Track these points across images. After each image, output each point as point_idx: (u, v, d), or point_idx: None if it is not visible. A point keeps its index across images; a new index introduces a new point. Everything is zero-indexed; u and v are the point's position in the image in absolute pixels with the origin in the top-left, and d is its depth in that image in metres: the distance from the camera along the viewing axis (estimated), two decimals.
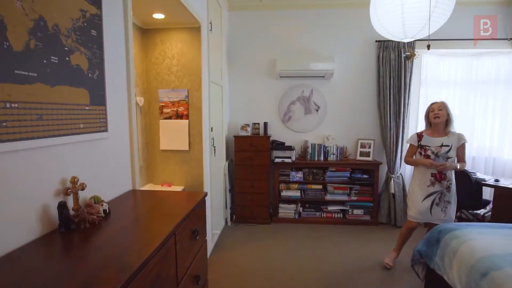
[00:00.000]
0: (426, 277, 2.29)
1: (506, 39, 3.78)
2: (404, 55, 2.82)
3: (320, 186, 3.89)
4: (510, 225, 2.29)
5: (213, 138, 3.10)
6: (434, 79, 4.04)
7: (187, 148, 2.79)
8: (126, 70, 1.60)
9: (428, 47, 1.98)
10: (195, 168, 2.78)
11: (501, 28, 3.78)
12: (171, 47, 2.74)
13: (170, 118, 2.81)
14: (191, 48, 2.70)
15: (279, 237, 3.50)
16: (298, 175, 3.88)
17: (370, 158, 3.88)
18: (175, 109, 2.79)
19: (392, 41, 3.74)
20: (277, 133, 4.13)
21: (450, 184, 2.50)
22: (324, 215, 3.95)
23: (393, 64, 3.76)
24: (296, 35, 3.98)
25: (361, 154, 3.98)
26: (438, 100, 2.57)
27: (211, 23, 2.97)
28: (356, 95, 4.02)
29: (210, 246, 3.01)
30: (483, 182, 3.28)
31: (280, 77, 3.96)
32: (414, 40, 3.75)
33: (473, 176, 3.24)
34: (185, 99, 2.77)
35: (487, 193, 3.66)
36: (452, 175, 2.52)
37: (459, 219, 3.56)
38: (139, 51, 2.72)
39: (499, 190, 3.16)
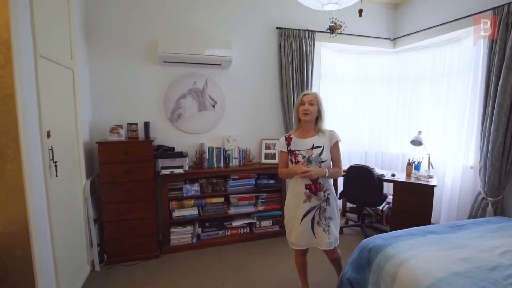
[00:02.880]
0: None
1: (389, 39, 3.96)
2: (328, 26, 2.36)
3: (221, 199, 3.17)
4: (426, 228, 2.12)
5: (51, 149, 1.94)
6: (331, 74, 3.92)
7: None
8: None
9: (360, 12, 1.49)
10: (7, 202, 1.59)
11: (385, 29, 3.94)
12: None
13: None
14: None
15: (171, 274, 2.60)
16: (193, 188, 3.05)
17: (276, 161, 3.41)
18: None
19: (293, 29, 3.37)
20: (164, 136, 3.18)
21: (329, 194, 1.98)
22: (229, 233, 3.26)
23: (295, 55, 3.39)
24: (185, 11, 3.12)
25: (266, 156, 3.47)
26: (311, 91, 2.06)
27: None
28: (257, 88, 3.48)
29: None
30: (383, 178, 3.25)
31: (164, 62, 3.02)
32: (314, 31, 3.51)
33: (375, 173, 3.15)
34: None
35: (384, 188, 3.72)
36: (329, 183, 2.00)
37: (363, 216, 3.48)
38: None
39: (397, 185, 3.17)
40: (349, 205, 4.07)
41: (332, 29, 2.26)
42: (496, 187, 2.67)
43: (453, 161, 3.32)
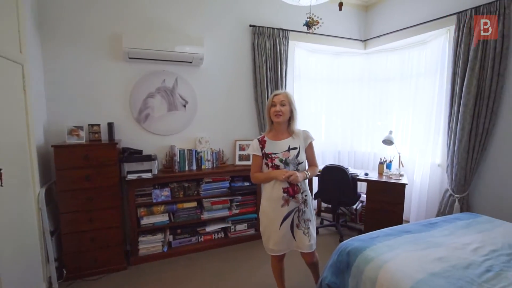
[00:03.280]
0: None
1: (360, 40, 4.02)
2: (305, 22, 2.29)
3: (194, 204, 3.01)
4: (402, 227, 2.14)
5: None
6: (305, 74, 3.90)
7: None
8: None
9: (340, 5, 1.44)
10: None
11: (356, 30, 3.99)
12: None
13: None
14: None
15: (140, 287, 2.41)
16: (163, 193, 2.86)
17: (250, 162, 3.31)
18: None
19: (267, 27, 3.29)
20: (130, 138, 2.95)
21: (306, 196, 1.93)
22: (202, 239, 3.11)
23: (269, 53, 3.31)
24: (152, 4, 2.92)
25: (241, 158, 3.36)
26: (281, 91, 1.94)
27: None
28: (231, 87, 3.36)
29: None
30: (357, 177, 3.27)
31: (130, 58, 2.80)
32: (288, 30, 3.46)
33: (349, 173, 3.17)
34: None
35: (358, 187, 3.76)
36: (306, 184, 1.96)
37: (338, 216, 3.49)
38: None
39: (371, 184, 3.21)
40: (323, 205, 4.08)
41: (309, 25, 2.19)
42: (462, 184, 2.78)
43: (421, 160, 3.44)
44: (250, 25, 3.28)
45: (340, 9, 1.54)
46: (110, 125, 2.72)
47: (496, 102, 2.58)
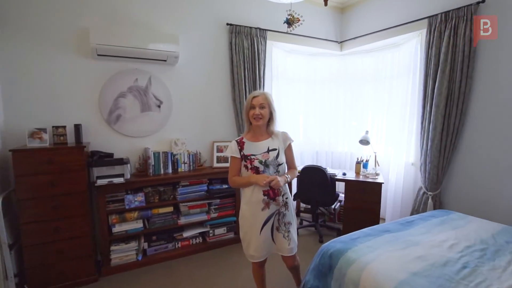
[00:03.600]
0: None
1: (337, 41, 4.07)
2: (285, 19, 2.24)
3: (170, 208, 2.88)
4: (381, 227, 2.16)
5: None
6: (283, 75, 3.89)
7: None
8: None
9: (326, 0, 1.40)
10: None
11: (332, 31, 4.03)
12: None
13: None
14: None
15: None
16: (137, 199, 2.71)
17: (228, 164, 3.23)
18: None
19: (245, 26, 3.23)
20: (100, 140, 2.77)
21: (287, 198, 1.88)
22: (179, 245, 2.99)
23: (247, 53, 3.25)
24: None
25: (218, 159, 3.27)
26: (259, 92, 1.86)
27: None
28: (207, 87, 3.25)
29: None
30: (336, 177, 3.30)
31: (98, 55, 2.62)
32: (266, 30, 3.42)
33: (327, 173, 3.18)
34: None
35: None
36: (286, 187, 1.91)
37: (317, 216, 3.50)
38: None
39: (348, 183, 3.25)
40: (302, 205, 4.08)
41: (290, 22, 2.15)
42: (435, 182, 2.88)
43: (396, 159, 3.53)
44: (227, 24, 3.20)
45: (326, 4, 1.50)
46: (77, 127, 2.53)
47: (465, 103, 2.70)
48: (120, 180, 2.52)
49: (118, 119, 2.81)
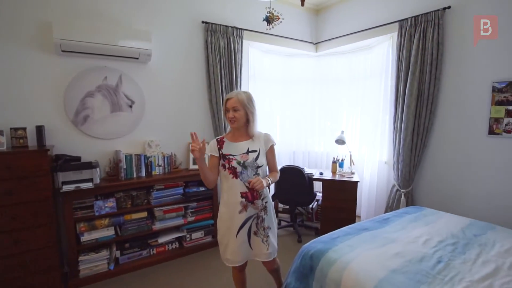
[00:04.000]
0: None
1: (312, 43, 4.12)
2: (265, 16, 2.19)
3: (144, 214, 2.75)
4: (359, 225, 2.19)
5: None
6: (260, 75, 3.86)
7: None
8: None
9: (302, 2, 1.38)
10: None
11: (308, 33, 4.07)
12: None
13: None
14: None
15: None
16: (108, 204, 2.55)
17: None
18: None
19: (221, 25, 3.17)
20: (65, 143, 2.57)
21: (266, 202, 1.83)
22: (154, 251, 2.86)
23: (223, 52, 3.19)
24: None
25: (195, 161, 3.12)
26: (233, 94, 1.80)
27: None
28: (183, 86, 3.15)
29: None
30: (313, 177, 3.32)
31: (63, 51, 2.43)
32: (242, 29, 3.37)
33: (305, 173, 3.20)
34: None
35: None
36: (266, 190, 1.86)
37: (295, 216, 3.51)
38: None
39: (325, 183, 3.29)
40: (280, 205, 4.08)
41: (269, 20, 2.11)
42: (407, 179, 2.99)
43: (370, 158, 3.63)
44: (203, 22, 3.11)
45: (303, 4, 1.49)
46: (40, 129, 2.33)
47: (434, 103, 2.83)
48: (89, 185, 2.36)
49: (85, 120, 2.63)
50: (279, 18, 2.04)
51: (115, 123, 2.78)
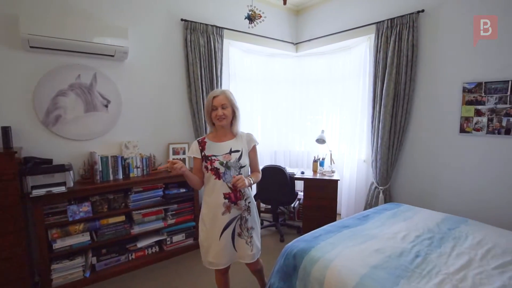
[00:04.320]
0: None
1: (292, 43, 4.15)
2: (247, 14, 2.16)
3: (122, 218, 2.64)
4: (340, 223, 2.22)
5: None
6: (240, 74, 3.84)
7: None
8: None
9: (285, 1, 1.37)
10: None
11: (288, 33, 4.10)
12: None
13: None
14: None
15: None
16: (82, 209, 2.43)
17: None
18: None
19: (200, 23, 3.11)
20: (35, 144, 2.42)
21: (250, 203, 1.82)
22: (133, 256, 2.76)
23: (203, 51, 3.13)
24: None
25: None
26: (220, 92, 1.80)
27: None
28: (161, 85, 3.06)
29: None
30: (294, 176, 3.34)
31: (31, 47, 2.29)
32: (222, 28, 3.33)
33: (287, 172, 3.21)
34: None
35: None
36: (249, 190, 1.86)
37: (277, 215, 3.52)
38: None
39: (307, 182, 3.32)
40: (262, 205, 4.08)
41: (251, 18, 2.09)
42: (385, 177, 3.08)
43: (349, 156, 3.71)
44: (182, 19, 3.04)
45: (285, 3, 1.49)
46: (6, 130, 2.17)
47: (409, 103, 2.93)
48: (61, 189, 2.23)
49: (57, 121, 2.49)
50: (261, 16, 2.03)
51: (90, 124, 2.66)
